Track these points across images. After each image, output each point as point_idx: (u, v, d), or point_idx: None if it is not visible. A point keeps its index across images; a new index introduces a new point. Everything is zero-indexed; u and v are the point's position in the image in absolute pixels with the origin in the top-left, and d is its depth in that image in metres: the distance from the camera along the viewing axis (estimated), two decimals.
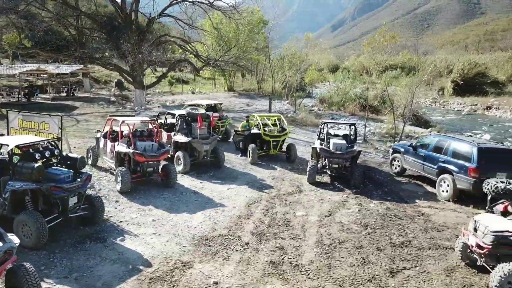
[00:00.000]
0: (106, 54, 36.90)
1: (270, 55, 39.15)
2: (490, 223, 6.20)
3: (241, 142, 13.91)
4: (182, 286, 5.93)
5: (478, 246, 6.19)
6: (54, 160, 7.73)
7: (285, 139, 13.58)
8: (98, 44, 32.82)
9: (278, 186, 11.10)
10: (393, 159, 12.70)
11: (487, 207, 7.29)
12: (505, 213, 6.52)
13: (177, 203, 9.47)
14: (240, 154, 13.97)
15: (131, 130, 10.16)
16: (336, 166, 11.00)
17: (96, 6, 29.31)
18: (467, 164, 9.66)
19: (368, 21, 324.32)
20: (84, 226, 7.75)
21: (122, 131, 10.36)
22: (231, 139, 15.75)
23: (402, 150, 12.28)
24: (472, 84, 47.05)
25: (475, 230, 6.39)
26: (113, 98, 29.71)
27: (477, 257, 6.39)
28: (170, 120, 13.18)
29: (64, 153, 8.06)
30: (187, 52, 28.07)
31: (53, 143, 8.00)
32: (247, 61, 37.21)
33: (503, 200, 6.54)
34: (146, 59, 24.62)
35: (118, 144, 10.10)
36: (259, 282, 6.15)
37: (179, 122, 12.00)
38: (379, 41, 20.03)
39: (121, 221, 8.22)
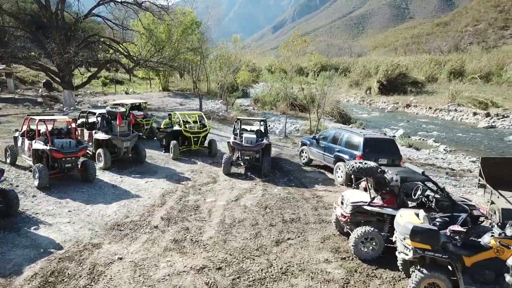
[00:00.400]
0: (32, 53, 35.62)
1: (205, 55, 39.92)
2: (351, 196, 7.67)
3: (164, 139, 14.71)
4: (88, 263, 6.72)
5: (342, 215, 7.63)
6: None
7: (206, 135, 14.60)
8: (23, 43, 31.63)
9: (195, 178, 12.09)
10: (302, 151, 14.22)
11: (353, 185, 8.83)
12: (367, 189, 8.04)
13: (95, 196, 10.12)
14: (163, 151, 14.76)
15: (48, 129, 10.61)
16: (248, 157, 12.24)
17: (18, 4, 28.33)
18: (355, 152, 11.30)
19: (307, 23, 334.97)
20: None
21: (39, 130, 10.77)
22: (156, 137, 16.47)
23: (308, 143, 13.83)
24: (395, 84, 51.18)
25: (342, 203, 7.84)
26: (40, 99, 28.90)
27: (344, 225, 7.84)
28: (92, 119, 13.65)
29: None
30: (117, 53, 28.06)
31: None
32: (181, 61, 37.78)
33: (364, 178, 8.05)
34: (73, 59, 24.39)
35: (35, 142, 10.50)
36: (160, 256, 7.10)
37: (99, 121, 12.57)
38: (293, 44, 21.60)
39: (37, 213, 8.75)
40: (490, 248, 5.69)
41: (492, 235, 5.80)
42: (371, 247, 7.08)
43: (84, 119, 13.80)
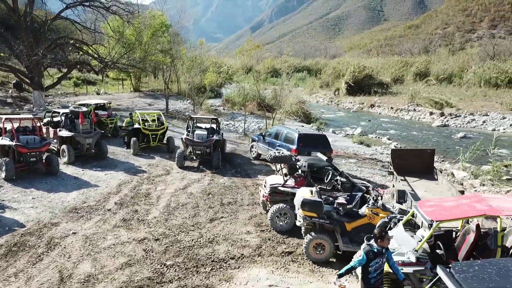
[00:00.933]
0: (1, 54, 36.07)
1: (176, 57, 41.09)
2: (271, 180, 9.29)
3: (125, 136, 16.05)
4: (47, 237, 8.10)
5: (264, 196, 9.24)
6: None
7: (163, 132, 16.02)
8: None
9: (151, 171, 13.50)
10: (252, 146, 15.82)
11: (276, 171, 10.47)
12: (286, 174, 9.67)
13: (57, 186, 11.42)
14: (125, 147, 16.09)
15: (14, 127, 11.84)
16: (199, 152, 13.75)
17: None
18: (291, 146, 12.95)
19: (285, 24, 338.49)
20: None
21: (5, 127, 11.98)
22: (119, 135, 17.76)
23: (257, 139, 15.44)
24: (362, 85, 53.53)
25: (265, 186, 9.44)
26: (10, 100, 29.60)
27: (267, 204, 9.45)
28: (57, 118, 14.86)
29: None
30: (86, 55, 29.02)
31: None
32: (152, 62, 38.89)
33: (282, 165, 9.68)
34: (41, 61, 25.30)
35: (2, 138, 11.71)
36: (109, 231, 8.53)
37: (63, 119, 13.83)
38: (248, 49, 23.21)
39: (3, 200, 10.01)
40: (365, 216, 7.38)
41: (367, 206, 7.51)
42: (284, 221, 8.70)
43: (49, 118, 14.99)
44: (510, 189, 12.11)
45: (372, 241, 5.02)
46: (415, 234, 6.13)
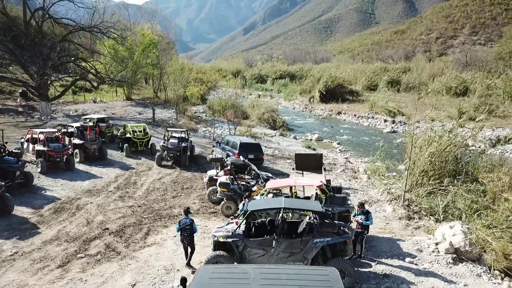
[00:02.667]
0: (10, 68, 42.15)
1: (163, 70, 47.06)
2: (209, 172, 15.46)
3: (120, 143, 22.12)
4: (75, 204, 14.17)
5: (205, 182, 15.39)
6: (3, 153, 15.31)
7: (148, 140, 22.12)
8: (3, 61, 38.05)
9: (138, 168, 19.60)
10: (212, 150, 21.97)
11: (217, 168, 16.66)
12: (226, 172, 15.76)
13: (75, 177, 17.48)
14: (120, 151, 22.13)
15: (46, 136, 17.89)
16: (171, 155, 19.87)
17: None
18: (235, 151, 19.08)
19: (277, 25, 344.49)
20: (21, 188, 15.39)
21: (39, 137, 18.01)
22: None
23: (215, 145, 21.60)
24: (334, 93, 59.83)
25: (205, 176, 15.59)
26: (20, 109, 35.48)
27: (206, 187, 15.58)
28: (70, 130, 20.88)
29: (9, 150, 15.70)
30: (86, 72, 34.96)
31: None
32: (143, 74, 45.00)
33: (219, 164, 15.85)
34: (50, 79, 31.29)
35: (37, 145, 17.74)
36: (111, 202, 14.63)
37: (76, 131, 19.89)
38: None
39: (42, 185, 16.04)
40: (254, 190, 13.52)
41: (257, 185, 13.66)
42: (215, 196, 14.78)
43: (65, 130, 21.02)
44: (372, 179, 18.33)
45: (246, 199, 11.11)
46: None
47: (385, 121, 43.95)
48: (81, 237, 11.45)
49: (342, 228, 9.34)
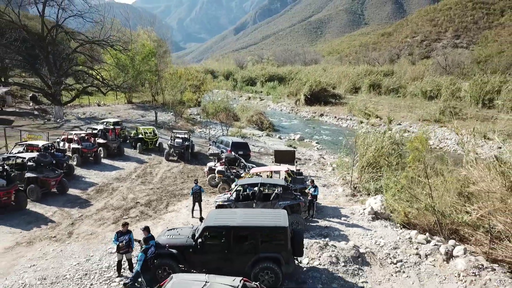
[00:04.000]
0: (23, 74, 47.11)
1: (161, 75, 52.24)
2: (209, 164, 20.86)
3: (133, 142, 27.35)
4: (110, 187, 19.46)
5: (205, 172, 20.77)
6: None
7: (156, 140, 27.37)
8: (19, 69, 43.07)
9: (150, 162, 24.89)
10: (209, 148, 27.32)
11: (213, 160, 22.00)
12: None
13: (103, 168, 22.71)
14: (133, 149, 27.35)
15: (79, 137, 23.10)
16: (177, 151, 25.18)
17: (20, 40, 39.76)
18: (228, 148, 24.43)
19: (268, 26, 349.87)
20: (66, 176, 20.57)
21: (74, 138, 23.18)
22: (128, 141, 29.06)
23: (212, 143, 26.97)
24: (318, 97, 65.47)
25: (206, 167, 20.98)
26: (36, 112, 40.44)
27: (207, 175, 20.97)
28: (95, 131, 26.05)
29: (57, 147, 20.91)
30: (95, 80, 40.07)
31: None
32: (143, 80, 50.16)
33: (216, 158, 21.18)
34: (62, 86, 36.39)
35: (72, 144, 22.91)
36: (136, 185, 19.95)
37: (99, 133, 25.09)
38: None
39: (80, 174, 21.24)
40: (242, 176, 18.92)
41: (245, 172, 19.07)
42: (214, 181, 20.12)
43: (90, 131, 26.20)
44: (335, 170, 23.86)
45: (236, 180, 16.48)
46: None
47: (361, 122, 49.60)
48: (122, 207, 16.75)
49: (298, 196, 14.79)
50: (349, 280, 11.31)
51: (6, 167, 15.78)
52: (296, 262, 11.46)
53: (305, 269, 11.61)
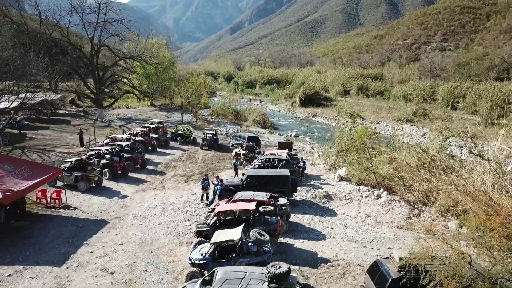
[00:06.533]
0: (66, 83, 57.85)
1: (178, 81, 63.09)
2: (235, 150, 31.94)
3: (175, 136, 38.29)
4: (171, 165, 30.42)
5: (233, 156, 31.81)
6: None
7: (191, 135, 38.31)
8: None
9: (190, 150, 35.90)
10: (230, 141, 38.25)
11: (235, 149, 32.96)
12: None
13: (160, 154, 33.66)
14: (175, 142, 38.24)
15: (142, 132, 34.01)
16: (209, 143, 36.22)
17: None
18: (245, 140, 35.33)
19: (264, 25, 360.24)
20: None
21: (138, 133, 34.04)
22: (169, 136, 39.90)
23: (232, 137, 37.96)
24: (312, 99, 76.62)
25: (233, 154, 32.08)
26: (82, 114, 51.28)
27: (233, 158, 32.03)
28: (148, 128, 36.85)
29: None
30: (131, 87, 50.96)
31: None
32: (165, 86, 61.21)
33: (239, 146, 32.11)
34: (104, 92, 47.38)
35: (137, 137, 33.78)
36: (185, 165, 30.92)
37: (152, 129, 36.00)
38: None
39: (147, 157, 32.17)
40: (257, 157, 29.95)
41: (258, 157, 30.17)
42: (238, 163, 31.04)
43: (144, 129, 37.01)
44: (320, 156, 34.92)
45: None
46: None
47: (347, 121, 60.74)
48: (185, 175, 27.74)
49: (293, 166, 25.79)
50: (322, 205, 22.34)
51: (117, 150, 26.74)
52: (293, 196, 22.47)
53: (298, 200, 22.66)
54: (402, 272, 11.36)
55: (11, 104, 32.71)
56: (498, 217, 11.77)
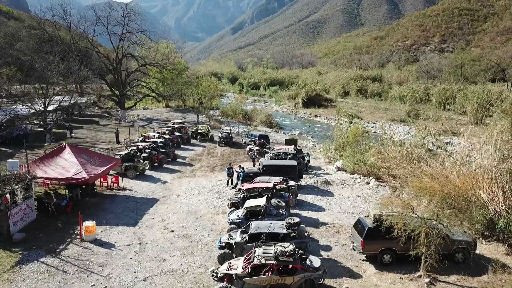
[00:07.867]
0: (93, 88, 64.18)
1: (190, 84, 69.35)
2: (249, 146, 38.24)
3: (194, 135, 44.57)
4: (197, 158, 36.72)
5: (248, 151, 38.09)
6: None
7: (208, 133, 44.58)
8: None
9: (209, 147, 42.22)
10: (243, 138, 44.53)
11: (248, 145, 39.25)
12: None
13: (185, 150, 39.98)
14: (194, 139, 44.51)
15: (169, 131, 40.33)
16: (225, 141, 42.53)
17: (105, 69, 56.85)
18: (256, 138, 41.58)
19: (266, 25, 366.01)
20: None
21: (165, 131, 40.30)
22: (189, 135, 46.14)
23: (244, 135, 44.20)
24: (313, 100, 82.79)
25: (248, 149, 38.38)
26: (107, 114, 57.57)
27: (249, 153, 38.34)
28: (172, 127, 43.10)
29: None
30: (149, 90, 57.27)
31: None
32: (179, 89, 67.54)
33: (252, 142, 38.38)
34: (126, 95, 53.74)
35: (165, 135, 40.06)
36: (207, 159, 37.25)
37: (177, 128, 42.29)
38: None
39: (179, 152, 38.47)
40: (268, 152, 36.28)
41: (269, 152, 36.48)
42: (254, 155, 37.28)
43: (169, 128, 43.28)
44: (322, 151, 41.15)
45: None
46: None
47: (345, 121, 66.94)
48: (210, 166, 34.05)
49: (299, 158, 32.04)
50: (322, 189, 28.57)
51: (154, 145, 33.04)
52: (299, 181, 28.71)
53: (303, 184, 28.91)
54: (375, 223, 17.58)
55: (49, 106, 38.93)
56: (440, 184, 18.06)
